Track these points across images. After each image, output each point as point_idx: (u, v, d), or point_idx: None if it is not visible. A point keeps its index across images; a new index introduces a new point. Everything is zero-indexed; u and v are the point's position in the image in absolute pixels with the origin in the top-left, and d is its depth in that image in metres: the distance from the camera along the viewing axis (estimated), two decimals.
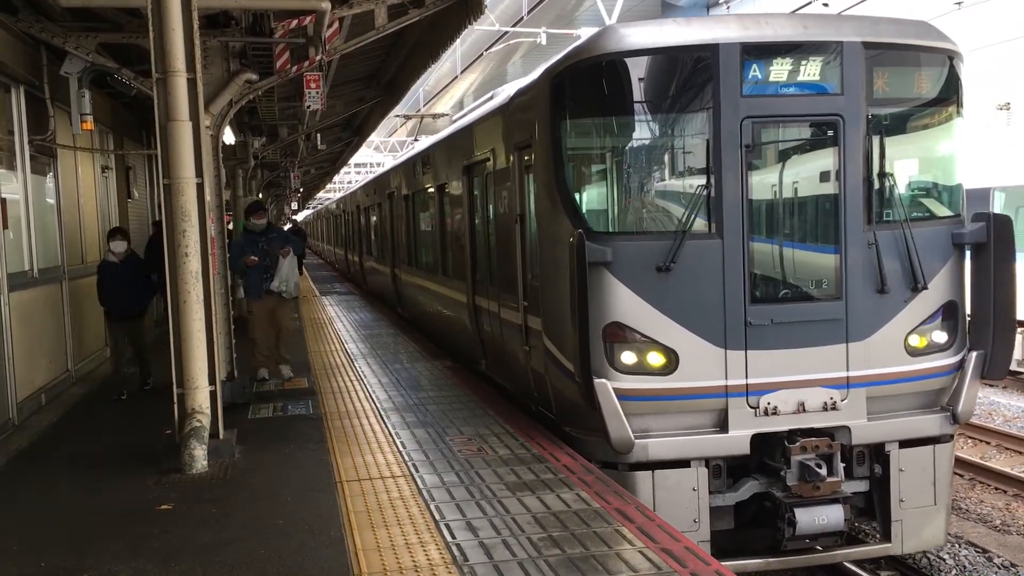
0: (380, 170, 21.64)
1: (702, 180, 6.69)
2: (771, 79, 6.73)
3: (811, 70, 6.76)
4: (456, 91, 37.32)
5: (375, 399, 9.25)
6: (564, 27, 24.23)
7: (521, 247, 7.98)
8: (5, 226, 8.43)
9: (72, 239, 10.82)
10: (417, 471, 6.59)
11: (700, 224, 6.70)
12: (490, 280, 9.37)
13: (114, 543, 5.36)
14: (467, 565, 4.82)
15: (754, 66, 6.68)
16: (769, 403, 6.72)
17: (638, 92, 6.88)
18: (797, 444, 6.66)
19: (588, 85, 6.98)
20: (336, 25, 9.15)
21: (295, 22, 8.89)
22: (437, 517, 5.57)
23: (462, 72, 30.35)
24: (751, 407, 6.73)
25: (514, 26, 23.80)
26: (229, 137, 14.72)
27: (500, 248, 8.85)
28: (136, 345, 10.09)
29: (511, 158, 8.14)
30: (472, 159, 9.87)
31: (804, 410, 6.77)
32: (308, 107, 12.02)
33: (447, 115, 24.68)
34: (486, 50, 26.97)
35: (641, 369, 6.69)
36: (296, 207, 48.94)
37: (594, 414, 6.58)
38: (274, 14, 8.93)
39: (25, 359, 8.76)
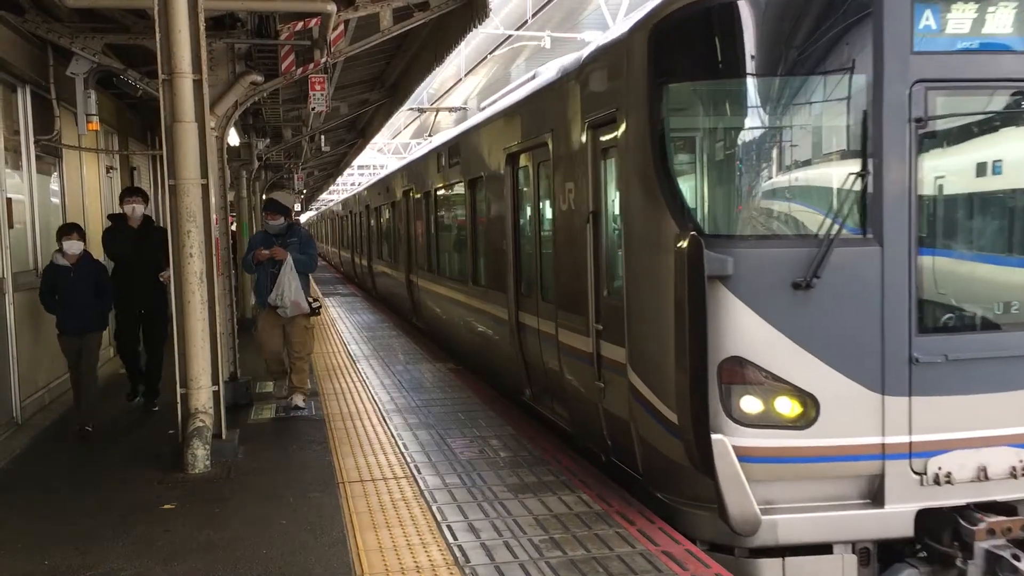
0: (395, 166, 18.94)
1: (855, 166, 5.07)
2: (949, 31, 5.05)
3: (1002, 20, 5.10)
4: (460, 94, 37.37)
5: (377, 401, 9.27)
6: (568, 30, 24.28)
7: (594, 254, 6.33)
8: (11, 225, 8.47)
9: None
10: (419, 472, 6.61)
11: (852, 226, 5.10)
12: (542, 294, 7.74)
13: (118, 541, 5.39)
14: (469, 566, 4.84)
15: (927, 12, 5.01)
16: (940, 468, 5.09)
17: (769, 46, 5.17)
18: (982, 526, 4.95)
19: (701, 38, 5.28)
20: (341, 27, 9.18)
21: (300, 24, 8.93)
22: (439, 518, 5.59)
23: (466, 75, 30.40)
24: (916, 473, 5.10)
25: (518, 29, 23.86)
26: (233, 138, 14.77)
27: (560, 255, 7.12)
28: (82, 369, 8.20)
29: (581, 140, 6.46)
30: (519, 145, 8.17)
31: (986, 477, 5.11)
32: (312, 109, 12.05)
33: (464, 108, 22.94)
34: (490, 53, 27.02)
35: (767, 420, 5.06)
36: (299, 208, 49.00)
37: (703, 479, 5.05)
38: (280, 16, 8.97)
39: (28, 358, 8.78)
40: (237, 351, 9.39)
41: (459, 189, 11.06)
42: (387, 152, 43.46)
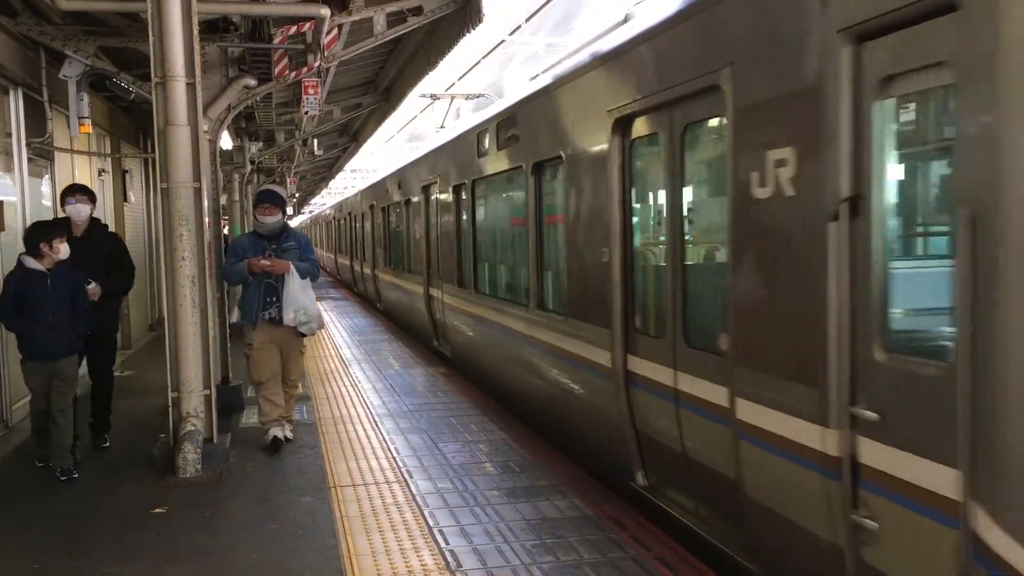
0: (411, 156, 15.26)
1: None
2: None
3: None
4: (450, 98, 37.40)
5: (369, 405, 9.26)
6: (561, 36, 24.35)
7: (850, 275, 3.57)
8: (2, 228, 8.44)
9: None
10: (411, 477, 6.60)
11: None
12: (686, 336, 5.07)
13: (108, 545, 5.37)
14: (460, 571, 4.83)
15: None
16: None
17: None
18: None
19: None
20: (335, 32, 9.19)
21: (294, 28, 8.95)
22: (431, 523, 5.58)
23: (459, 79, 30.43)
24: None
25: (511, 35, 23.90)
26: (226, 142, 14.75)
27: (745, 273, 4.37)
28: (54, 403, 6.72)
29: (823, 70, 3.65)
30: (642, 101, 5.40)
31: None
32: (306, 113, 12.06)
33: (484, 95, 18.35)
34: (483, 57, 27.05)
35: None
36: (292, 212, 48.97)
37: None
38: (273, 20, 8.98)
39: (18, 361, 8.74)
40: (229, 355, 9.37)
41: (515, 178, 8.35)
42: (379, 156, 43.48)
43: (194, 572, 4.96)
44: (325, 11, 8.23)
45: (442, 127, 17.23)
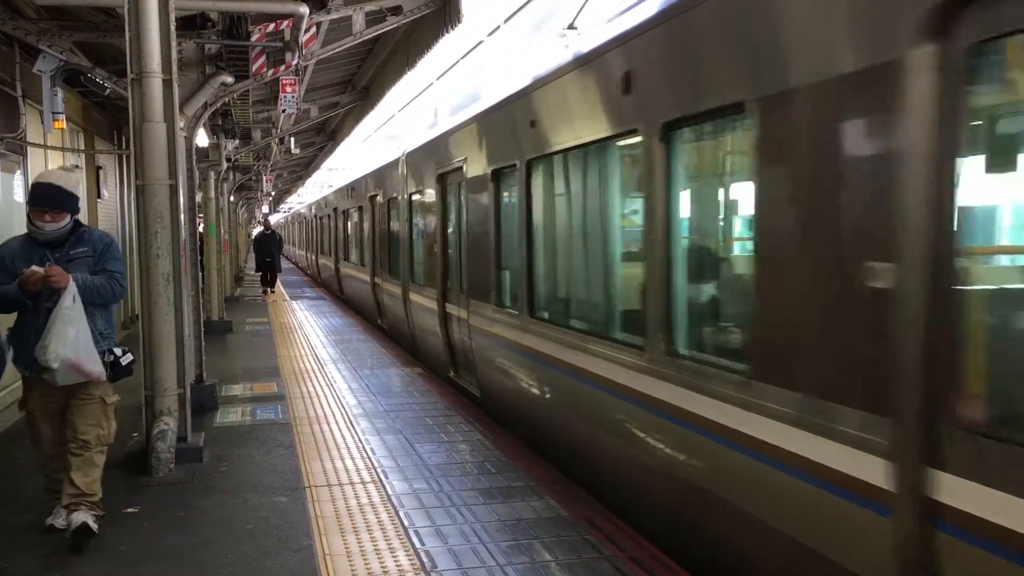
0: (484, 107, 8.78)
1: None
2: None
3: None
4: (431, 99, 37.34)
5: (344, 405, 9.24)
6: (539, 37, 24.36)
7: None
8: None
9: None
10: (386, 477, 6.59)
11: None
12: None
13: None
14: (436, 572, 4.83)
15: None
16: None
17: None
18: None
19: None
20: (313, 30, 9.17)
21: (272, 26, 8.90)
22: (406, 523, 5.58)
23: (437, 79, 30.41)
24: None
25: (490, 35, 23.91)
26: (202, 139, 14.64)
27: None
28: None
29: None
30: None
31: None
32: (283, 111, 12.01)
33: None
34: (461, 58, 27.05)
35: None
36: (268, 210, 48.68)
37: None
38: (251, 17, 8.93)
39: None
40: (203, 354, 9.31)
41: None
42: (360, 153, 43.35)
43: (167, 573, 4.92)
44: (303, 9, 8.20)
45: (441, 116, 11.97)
